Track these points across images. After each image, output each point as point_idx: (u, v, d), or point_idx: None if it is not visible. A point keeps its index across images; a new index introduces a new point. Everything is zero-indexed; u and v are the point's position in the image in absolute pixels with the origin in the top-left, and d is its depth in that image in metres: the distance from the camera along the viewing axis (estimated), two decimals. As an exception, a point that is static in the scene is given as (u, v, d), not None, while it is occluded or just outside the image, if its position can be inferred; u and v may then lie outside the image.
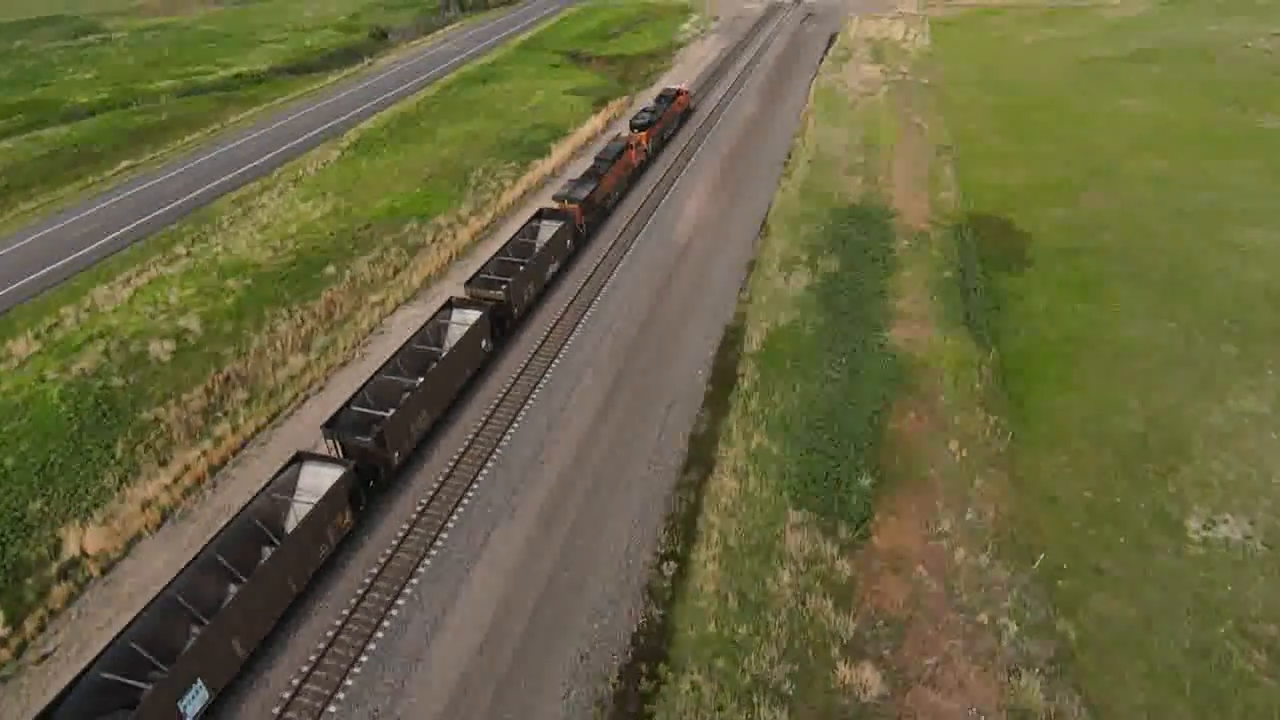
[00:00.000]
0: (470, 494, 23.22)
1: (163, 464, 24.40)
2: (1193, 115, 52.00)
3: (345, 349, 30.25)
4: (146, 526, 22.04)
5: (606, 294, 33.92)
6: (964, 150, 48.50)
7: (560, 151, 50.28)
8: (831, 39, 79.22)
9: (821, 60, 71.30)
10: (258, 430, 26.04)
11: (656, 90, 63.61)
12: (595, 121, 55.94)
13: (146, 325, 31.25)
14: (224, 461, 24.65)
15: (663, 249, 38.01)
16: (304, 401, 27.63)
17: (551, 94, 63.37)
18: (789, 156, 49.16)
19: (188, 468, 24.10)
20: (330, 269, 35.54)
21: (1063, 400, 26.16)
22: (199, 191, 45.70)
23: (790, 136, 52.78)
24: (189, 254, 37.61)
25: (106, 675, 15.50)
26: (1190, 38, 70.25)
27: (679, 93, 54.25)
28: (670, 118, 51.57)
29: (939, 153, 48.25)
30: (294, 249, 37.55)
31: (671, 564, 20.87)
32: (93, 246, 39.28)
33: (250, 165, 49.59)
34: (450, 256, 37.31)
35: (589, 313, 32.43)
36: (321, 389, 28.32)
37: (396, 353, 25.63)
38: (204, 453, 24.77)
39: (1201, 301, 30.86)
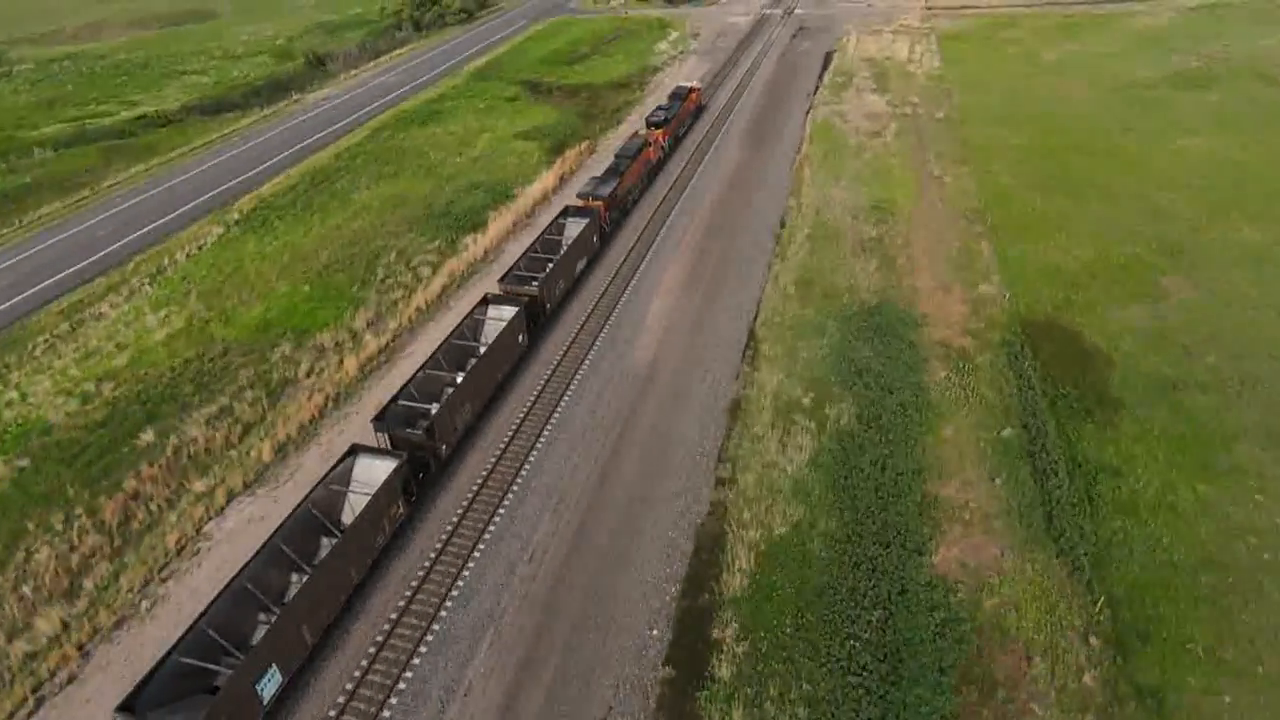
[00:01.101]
0: None
1: None
2: (1274, 160, 42.52)
3: (130, 592, 20.30)
4: None
5: (526, 481, 23.82)
6: (999, 214, 38.83)
7: (499, 223, 40.38)
8: (827, 59, 69.55)
9: (817, 88, 61.61)
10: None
11: (625, 130, 54.15)
12: (547, 178, 46.05)
13: None
14: None
15: (614, 386, 28.09)
16: (36, 709, 17.69)
17: (499, 138, 53.49)
18: (782, 226, 39.39)
19: None
20: (149, 434, 25.56)
21: (1228, 708, 16.44)
22: (24, 295, 35.60)
23: (783, 194, 43.03)
24: (-31, 405, 27.70)
25: (185, 660, 16.06)
26: (1239, 54, 60.89)
27: (691, 90, 53.88)
28: (684, 115, 51.89)
29: (969, 220, 38.55)
30: (111, 396, 27.59)
31: None
32: None
33: (103, 253, 39.44)
34: (325, 402, 27.39)
35: (491, 528, 22.17)
36: (73, 679, 18.38)
37: (438, 348, 26.22)
38: None
39: (1392, 489, 21.25)
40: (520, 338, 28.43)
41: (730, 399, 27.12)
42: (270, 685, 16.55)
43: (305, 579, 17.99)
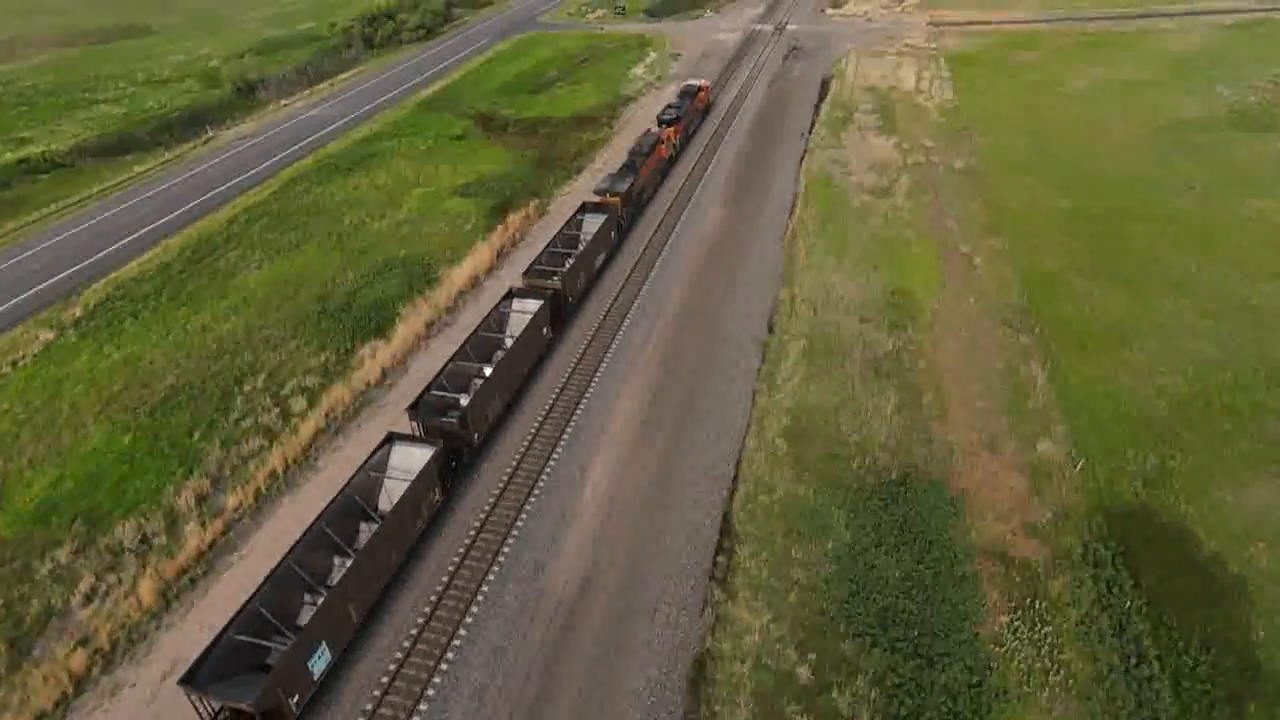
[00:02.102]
0: None
1: None
2: (1384, 237, 34.14)
3: None
4: None
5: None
6: (1047, 315, 30.28)
7: (411, 324, 31.36)
8: (824, 87, 60.98)
9: (812, 125, 53.03)
10: None
11: (584, 182, 45.49)
12: (482, 252, 37.12)
13: None
14: None
15: (518, 636, 19.18)
16: None
17: (434, 195, 44.60)
18: (770, 330, 30.66)
19: None
20: None
21: None
22: None
23: (771, 280, 34.27)
24: None
25: (240, 637, 16.49)
26: (1298, 86, 52.53)
27: (699, 89, 54.52)
28: (694, 113, 52.67)
29: (1011, 325, 29.87)
30: None
31: None
32: None
33: (-116, 373, 30.43)
34: (90, 663, 18.43)
35: None
36: None
37: (466, 340, 26.63)
38: None
39: None
40: (545, 330, 28.73)
41: (691, 657, 18.32)
42: (320, 662, 17.01)
43: (350, 561, 18.28)
